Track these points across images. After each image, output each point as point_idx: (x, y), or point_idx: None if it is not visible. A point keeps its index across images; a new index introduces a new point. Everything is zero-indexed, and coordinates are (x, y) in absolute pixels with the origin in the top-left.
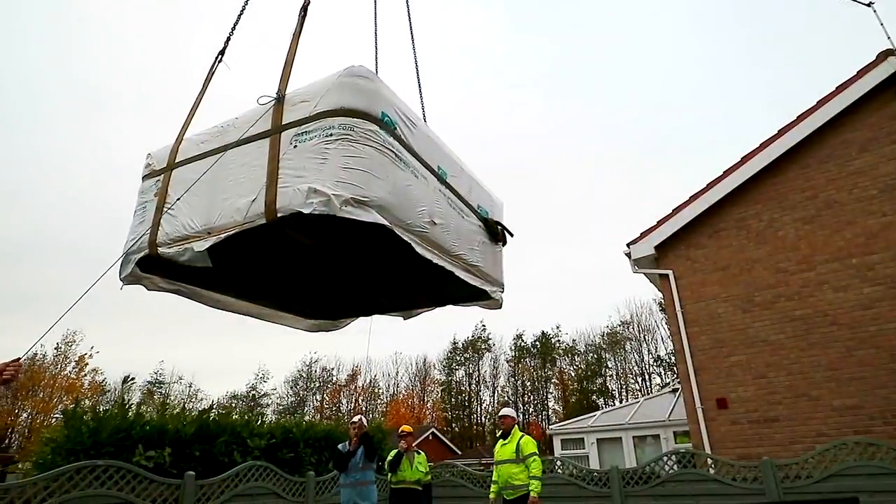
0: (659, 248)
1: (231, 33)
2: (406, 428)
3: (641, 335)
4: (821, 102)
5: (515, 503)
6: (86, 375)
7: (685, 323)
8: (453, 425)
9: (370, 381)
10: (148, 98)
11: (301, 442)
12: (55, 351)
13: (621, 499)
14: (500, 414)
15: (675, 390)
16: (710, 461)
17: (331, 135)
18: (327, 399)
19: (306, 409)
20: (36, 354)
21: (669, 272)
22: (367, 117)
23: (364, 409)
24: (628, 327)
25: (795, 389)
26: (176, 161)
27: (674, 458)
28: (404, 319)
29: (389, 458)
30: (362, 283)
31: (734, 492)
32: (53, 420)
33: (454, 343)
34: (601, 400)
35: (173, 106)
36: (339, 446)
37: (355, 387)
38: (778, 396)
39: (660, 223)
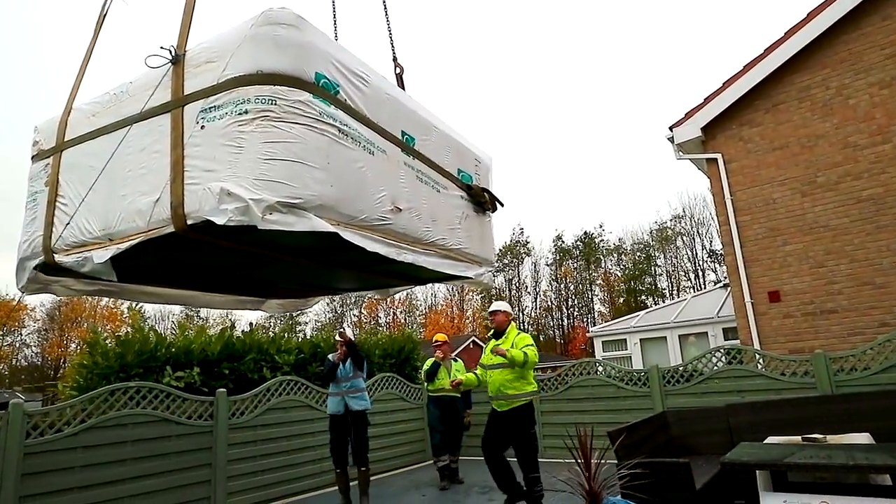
0: (706, 129)
1: None
2: (440, 337)
3: (694, 229)
4: None
5: (508, 416)
6: (123, 304)
7: (735, 211)
8: None
9: (407, 293)
10: None
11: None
12: None
13: (661, 397)
14: (490, 309)
15: (725, 286)
16: (757, 356)
17: (245, 111)
18: (365, 314)
19: (345, 324)
20: None
21: (718, 155)
22: (295, 83)
23: (403, 321)
24: (680, 221)
25: (858, 277)
26: (65, 140)
27: (719, 354)
28: (381, 298)
29: (426, 367)
30: (322, 273)
31: (782, 386)
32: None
33: None
34: (650, 300)
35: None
36: (330, 356)
37: (391, 300)
38: (838, 286)
39: (707, 100)
